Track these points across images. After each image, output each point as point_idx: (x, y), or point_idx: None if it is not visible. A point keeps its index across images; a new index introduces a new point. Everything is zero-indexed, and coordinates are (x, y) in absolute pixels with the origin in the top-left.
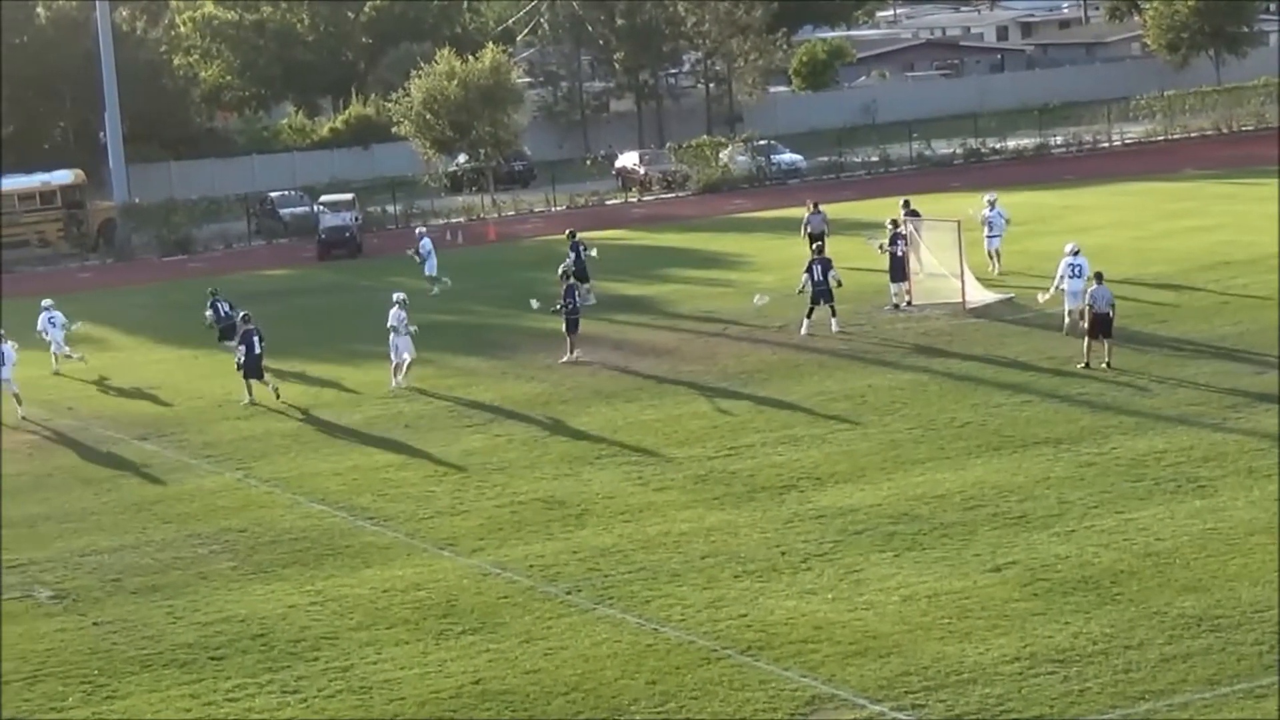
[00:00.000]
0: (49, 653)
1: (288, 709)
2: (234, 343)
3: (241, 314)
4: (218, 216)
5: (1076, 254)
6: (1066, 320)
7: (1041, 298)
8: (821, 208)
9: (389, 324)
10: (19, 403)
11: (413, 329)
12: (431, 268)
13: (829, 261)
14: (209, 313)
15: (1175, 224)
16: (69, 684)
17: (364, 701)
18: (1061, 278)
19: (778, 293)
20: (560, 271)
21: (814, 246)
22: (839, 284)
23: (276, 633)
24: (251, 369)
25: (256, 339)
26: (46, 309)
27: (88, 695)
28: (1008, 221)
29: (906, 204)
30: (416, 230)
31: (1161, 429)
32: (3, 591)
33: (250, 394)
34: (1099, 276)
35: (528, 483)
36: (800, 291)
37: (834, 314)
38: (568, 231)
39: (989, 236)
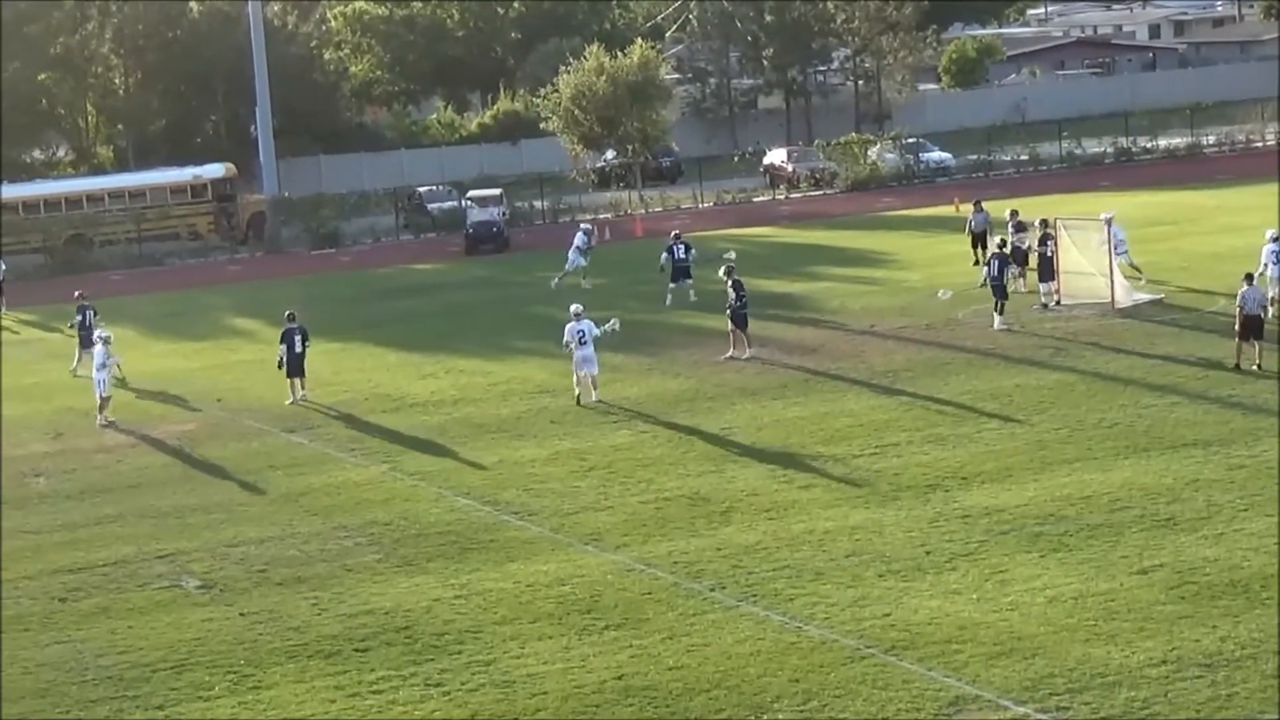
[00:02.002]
0: (196, 642)
1: (431, 702)
2: (282, 347)
3: (287, 312)
4: (366, 210)
5: (1278, 240)
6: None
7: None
8: (985, 206)
9: (564, 341)
10: (102, 408)
11: (602, 329)
12: (573, 261)
13: (1005, 258)
14: (78, 318)
15: None
16: (215, 673)
17: (507, 695)
18: (1266, 264)
19: (954, 286)
20: (722, 270)
21: (997, 243)
22: (1014, 277)
23: (421, 626)
24: (293, 367)
25: (298, 338)
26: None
27: (234, 685)
28: (1123, 240)
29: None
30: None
31: None
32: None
33: (293, 393)
34: (1249, 277)
35: (672, 479)
36: (981, 286)
37: (1001, 311)
38: (673, 233)
39: (1115, 255)
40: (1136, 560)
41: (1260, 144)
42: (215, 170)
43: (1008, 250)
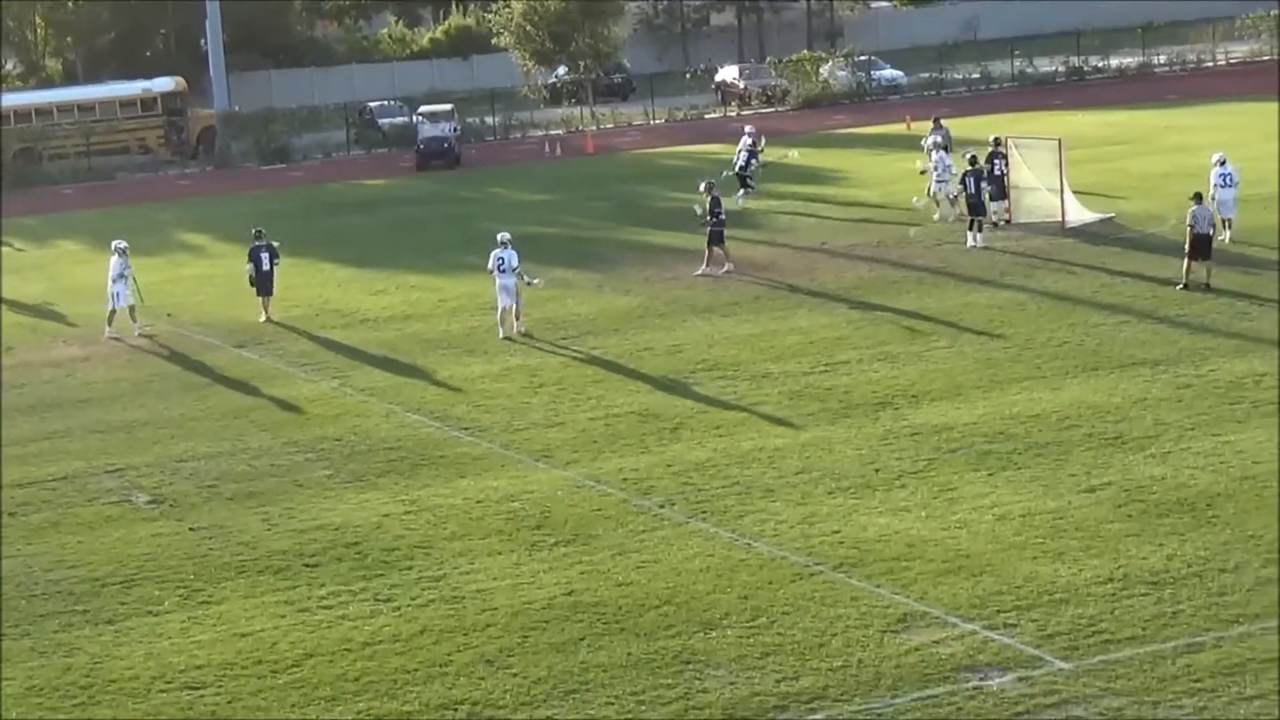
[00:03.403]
0: (146, 557)
1: (380, 617)
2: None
3: (255, 229)
4: (317, 126)
5: (1224, 163)
6: (1228, 233)
7: None
8: (944, 123)
9: (488, 267)
10: (111, 319)
11: (535, 281)
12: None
13: (981, 174)
14: None
15: None
16: (165, 588)
17: (456, 611)
18: (1215, 188)
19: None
20: (703, 185)
21: (968, 159)
22: (991, 198)
23: (371, 541)
24: (262, 285)
25: (265, 255)
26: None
27: (183, 599)
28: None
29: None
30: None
31: (1261, 351)
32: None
33: (265, 311)
34: (1198, 197)
35: (622, 396)
36: (955, 206)
37: (980, 229)
38: (748, 129)
39: (939, 181)
40: (1084, 478)
41: (1210, 64)
42: (165, 84)
43: (980, 168)
